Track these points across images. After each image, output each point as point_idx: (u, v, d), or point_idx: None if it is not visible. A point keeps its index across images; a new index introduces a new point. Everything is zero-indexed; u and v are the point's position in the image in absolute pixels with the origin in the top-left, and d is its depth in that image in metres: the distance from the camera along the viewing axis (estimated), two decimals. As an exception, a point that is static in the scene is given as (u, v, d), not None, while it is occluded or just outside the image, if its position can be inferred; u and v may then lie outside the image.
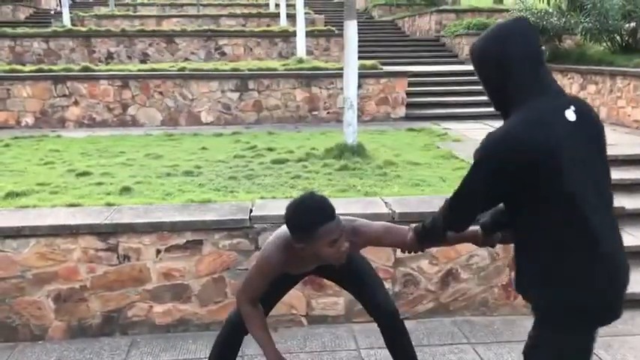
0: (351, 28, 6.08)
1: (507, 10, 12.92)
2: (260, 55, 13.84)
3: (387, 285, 4.10)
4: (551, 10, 11.20)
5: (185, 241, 3.99)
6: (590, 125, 2.05)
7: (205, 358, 3.39)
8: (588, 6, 9.89)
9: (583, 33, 10.23)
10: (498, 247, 4.21)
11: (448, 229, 2.35)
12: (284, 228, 2.80)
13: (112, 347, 3.89)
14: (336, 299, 4.18)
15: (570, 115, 2.00)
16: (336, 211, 2.48)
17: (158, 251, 3.99)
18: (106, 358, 3.76)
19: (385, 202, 4.37)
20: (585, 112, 2.05)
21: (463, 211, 2.20)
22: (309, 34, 13.47)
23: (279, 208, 4.22)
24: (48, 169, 5.71)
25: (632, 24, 9.70)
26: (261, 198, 4.53)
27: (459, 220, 2.26)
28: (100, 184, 5.02)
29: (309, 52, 13.16)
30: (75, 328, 4.00)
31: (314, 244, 2.47)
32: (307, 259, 2.66)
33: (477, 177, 2.06)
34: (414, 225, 2.61)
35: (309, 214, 2.45)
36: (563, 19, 10.76)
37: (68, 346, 3.90)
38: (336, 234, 2.47)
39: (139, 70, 9.59)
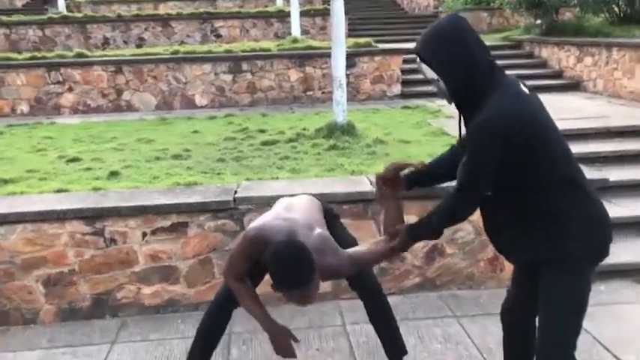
0: (338, 5, 6.03)
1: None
2: (256, 37, 13.78)
3: (373, 262, 4.14)
4: (547, -18, 11.06)
5: (170, 223, 4.04)
6: (537, 96, 2.27)
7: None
8: (583, -23, 9.78)
9: (579, 5, 10.11)
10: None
11: (455, 221, 2.50)
12: (270, 213, 2.85)
13: (102, 329, 3.96)
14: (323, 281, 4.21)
15: (524, 88, 2.23)
16: (323, 191, 2.43)
17: (144, 234, 4.03)
18: (96, 339, 3.83)
19: (370, 181, 4.38)
20: (526, 85, 2.28)
21: (476, 196, 2.30)
22: (305, 14, 13.40)
23: (264, 189, 4.28)
24: (39, 156, 5.75)
25: (629, -7, 9.59)
26: (247, 179, 4.56)
27: (471, 208, 2.37)
28: (88, 169, 5.07)
29: (305, 32, 13.09)
30: (65, 311, 4.07)
31: (285, 295, 2.51)
32: None
33: (487, 160, 2.18)
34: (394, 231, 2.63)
35: (287, 276, 2.43)
36: (560, -9, 10.64)
37: (59, 329, 3.97)
38: (306, 295, 2.49)
39: (132, 55, 9.58)
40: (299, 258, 2.42)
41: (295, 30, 10.97)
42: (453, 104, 2.35)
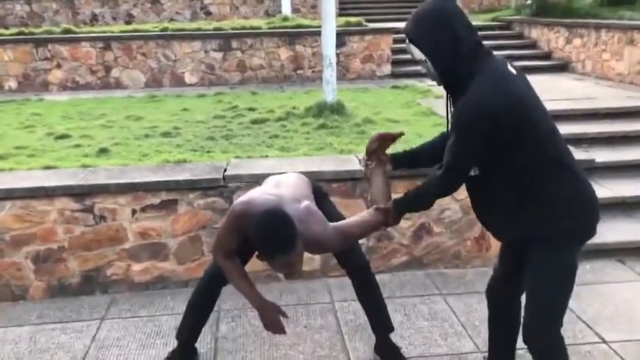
0: (328, -16, 6.00)
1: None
2: (247, 14, 13.68)
3: (361, 240, 4.17)
4: (538, -37, 11.04)
5: (160, 201, 4.05)
6: (524, 77, 2.28)
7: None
8: (574, -43, 9.75)
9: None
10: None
11: (441, 197, 2.52)
12: (257, 189, 2.86)
13: (91, 305, 3.98)
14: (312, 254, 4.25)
15: (512, 69, 2.23)
16: (312, 170, 2.42)
17: (134, 211, 4.04)
18: (85, 315, 3.86)
19: (359, 160, 4.40)
20: (514, 66, 2.28)
21: (461, 176, 2.34)
22: (295, -9, 13.29)
23: (253, 167, 4.30)
24: (27, 132, 5.72)
25: (619, -25, 9.57)
26: (237, 157, 4.57)
27: (457, 186, 2.41)
28: (77, 146, 5.05)
29: (295, 10, 13.00)
30: (55, 287, 4.09)
31: (269, 263, 2.53)
32: None
33: (473, 140, 2.19)
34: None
35: (268, 243, 2.45)
36: (551, -28, 10.62)
37: (49, 305, 3.99)
38: (289, 263, 2.50)
39: (121, 32, 9.48)
40: (280, 225, 2.44)
41: (286, 8, 10.90)
42: (441, 85, 2.36)
